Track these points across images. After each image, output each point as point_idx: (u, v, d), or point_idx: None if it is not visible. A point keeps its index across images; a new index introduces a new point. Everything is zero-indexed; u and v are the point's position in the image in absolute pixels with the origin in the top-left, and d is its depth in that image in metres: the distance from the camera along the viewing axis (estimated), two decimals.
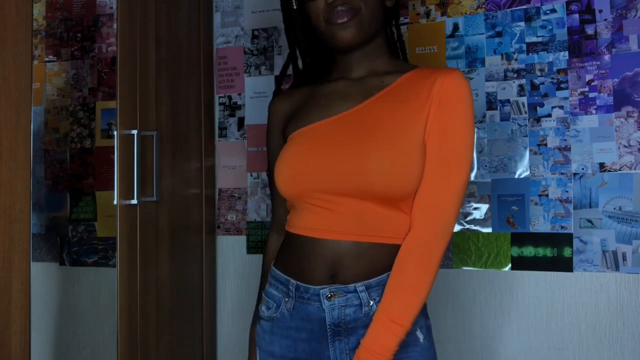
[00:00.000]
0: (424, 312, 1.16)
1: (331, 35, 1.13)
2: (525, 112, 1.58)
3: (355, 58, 1.19)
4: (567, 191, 1.53)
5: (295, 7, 1.22)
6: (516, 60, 1.59)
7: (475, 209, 1.61)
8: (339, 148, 1.10)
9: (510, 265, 1.58)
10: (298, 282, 1.14)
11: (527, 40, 1.58)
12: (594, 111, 1.51)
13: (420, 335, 1.12)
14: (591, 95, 1.51)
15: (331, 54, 1.25)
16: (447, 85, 1.09)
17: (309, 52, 1.27)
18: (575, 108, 1.53)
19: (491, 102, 1.61)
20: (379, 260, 1.10)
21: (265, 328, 1.20)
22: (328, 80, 1.25)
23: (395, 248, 1.10)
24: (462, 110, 1.09)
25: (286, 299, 1.16)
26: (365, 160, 1.07)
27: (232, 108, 1.87)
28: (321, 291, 1.11)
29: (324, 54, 1.28)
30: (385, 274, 1.10)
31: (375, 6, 1.14)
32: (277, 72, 1.83)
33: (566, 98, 1.54)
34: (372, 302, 1.10)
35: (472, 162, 1.06)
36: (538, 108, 1.57)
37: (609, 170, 1.49)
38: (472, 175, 1.62)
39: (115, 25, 1.40)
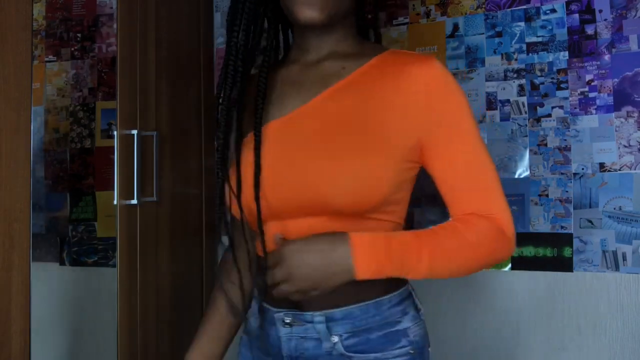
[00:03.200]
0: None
1: (291, 8, 0.92)
2: (525, 112, 1.58)
3: (316, 36, 0.98)
4: (567, 191, 1.53)
5: None
6: (516, 60, 1.59)
7: None
8: (286, 160, 0.90)
9: (510, 265, 1.58)
10: (262, 302, 0.97)
11: (527, 40, 1.58)
12: (594, 111, 1.51)
13: None
14: (591, 95, 1.51)
15: (289, 26, 1.05)
16: (431, 80, 0.91)
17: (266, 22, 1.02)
18: (575, 108, 1.53)
19: (491, 102, 1.61)
20: (345, 287, 0.87)
21: (244, 341, 1.05)
22: (282, 65, 1.03)
23: None
24: (457, 102, 0.94)
25: (257, 316, 0.99)
26: (317, 171, 0.87)
27: None
28: (276, 315, 0.93)
29: (282, 24, 1.06)
30: (355, 305, 0.91)
31: None
32: None
33: (566, 98, 1.54)
34: (335, 339, 0.91)
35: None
36: (538, 108, 1.57)
37: (609, 170, 1.49)
38: None
39: (115, 25, 1.40)
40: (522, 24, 1.58)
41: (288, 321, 0.93)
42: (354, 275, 0.85)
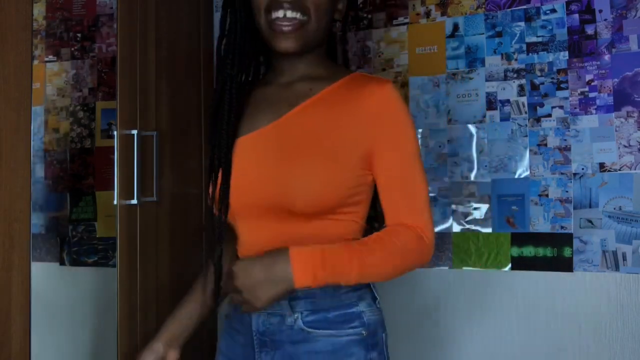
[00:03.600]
0: (367, 343, 1.06)
1: (270, 39, 1.06)
2: (525, 112, 1.58)
3: (290, 62, 1.10)
4: (567, 191, 1.53)
5: None
6: (516, 60, 1.59)
7: (475, 209, 1.61)
8: (259, 166, 1.04)
9: (510, 265, 1.58)
10: None
11: (527, 40, 1.58)
12: (594, 111, 1.51)
13: None
14: (591, 95, 1.51)
15: (268, 51, 1.15)
16: (382, 99, 1.05)
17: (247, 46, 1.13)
18: (575, 108, 1.53)
19: (491, 102, 1.61)
20: None
21: (225, 324, 1.18)
22: (260, 84, 1.16)
23: None
24: (403, 123, 1.06)
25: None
26: (285, 176, 1.01)
27: None
28: None
29: (261, 49, 1.16)
30: (316, 287, 1.03)
31: (324, 15, 1.06)
32: None
33: (566, 98, 1.54)
34: (296, 315, 1.04)
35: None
36: (538, 108, 1.57)
37: (609, 170, 1.49)
38: (472, 175, 1.62)
39: (115, 25, 1.40)
40: (522, 24, 1.58)
41: None
42: (293, 284, 0.99)
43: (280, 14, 1.03)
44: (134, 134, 1.38)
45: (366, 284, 1.09)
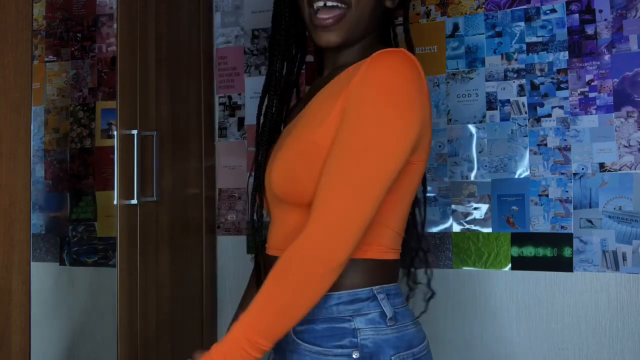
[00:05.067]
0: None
1: (312, 34, 1.04)
2: (525, 112, 1.58)
3: (334, 55, 1.07)
4: (567, 191, 1.53)
5: None
6: (516, 60, 1.59)
7: (475, 209, 1.61)
8: (274, 154, 1.06)
9: (510, 265, 1.58)
10: None
11: (527, 40, 1.58)
12: (594, 111, 1.51)
13: None
14: (591, 95, 1.51)
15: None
16: (360, 75, 0.91)
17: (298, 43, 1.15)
18: (575, 108, 1.53)
19: (491, 102, 1.61)
20: None
21: None
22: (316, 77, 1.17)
23: None
24: (367, 94, 0.89)
25: None
26: (273, 164, 1.01)
27: (232, 108, 1.87)
28: None
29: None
30: None
31: (367, 4, 1.00)
32: None
33: (566, 98, 1.54)
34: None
35: (387, 158, 0.88)
36: (538, 108, 1.57)
37: (609, 170, 1.49)
38: (472, 175, 1.62)
39: (115, 25, 1.40)
40: (522, 24, 1.58)
41: None
42: None
43: (320, 3, 0.99)
44: (134, 134, 1.38)
45: (370, 295, 0.96)
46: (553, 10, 1.56)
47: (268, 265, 0.99)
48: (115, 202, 1.34)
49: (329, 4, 0.98)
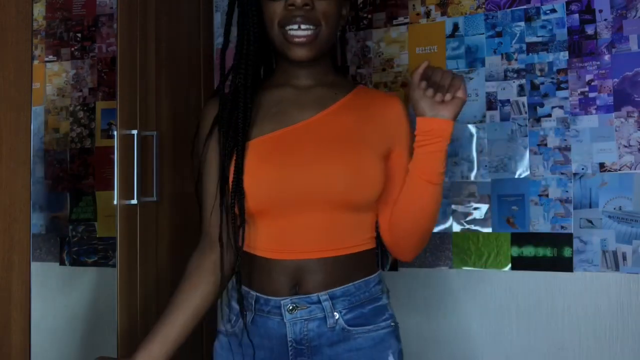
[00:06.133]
0: (397, 334, 1.13)
1: (284, 49, 1.11)
2: (525, 112, 1.58)
3: (305, 68, 1.16)
4: (567, 191, 1.53)
5: None
6: (516, 60, 1.59)
7: (475, 209, 1.61)
8: (302, 158, 1.07)
9: (510, 265, 1.58)
10: (258, 294, 1.08)
11: (527, 40, 1.58)
12: (594, 111, 1.51)
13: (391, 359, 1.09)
14: (591, 95, 1.51)
15: (276, 57, 1.21)
16: (400, 110, 1.18)
17: (256, 52, 1.17)
18: (575, 108, 1.53)
19: (491, 102, 1.61)
20: (342, 270, 1.07)
21: (223, 344, 1.13)
22: (271, 86, 1.19)
23: (359, 255, 1.09)
24: (410, 129, 1.18)
25: (251, 310, 1.09)
26: (332, 170, 1.06)
27: None
28: (282, 302, 1.05)
29: (268, 55, 1.23)
30: (351, 284, 1.08)
31: (334, 23, 1.12)
32: None
33: (566, 98, 1.54)
34: (337, 315, 1.06)
35: None
36: (538, 108, 1.57)
37: (609, 170, 1.49)
38: (472, 175, 1.62)
39: (115, 25, 1.40)
40: (522, 24, 1.58)
41: (292, 307, 1.05)
42: None
43: (294, 26, 1.08)
44: (134, 134, 1.38)
45: (381, 276, 1.16)
46: (553, 10, 1.56)
47: (271, 264, 1.08)
48: (115, 202, 1.34)
49: (303, 27, 1.08)
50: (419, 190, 1.11)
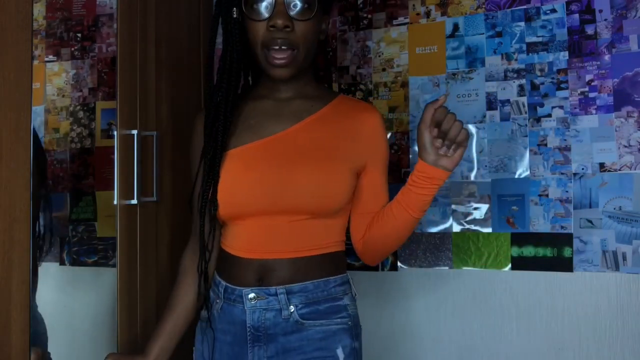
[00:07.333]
0: (352, 333, 1.18)
1: (266, 67, 1.19)
2: (525, 112, 1.58)
3: (285, 82, 1.23)
4: (567, 191, 1.53)
5: (235, 17, 1.20)
6: (516, 60, 1.59)
7: (475, 209, 1.61)
8: (273, 169, 1.16)
9: (510, 265, 1.58)
10: (227, 284, 1.20)
11: (527, 40, 1.58)
12: (594, 111, 1.51)
13: (340, 355, 1.15)
14: (591, 95, 1.51)
15: (259, 71, 1.27)
16: (376, 126, 1.24)
17: (240, 66, 1.24)
18: (575, 108, 1.53)
19: (491, 102, 1.61)
20: (303, 269, 1.17)
21: (201, 328, 1.26)
22: (253, 98, 1.27)
23: (322, 257, 1.18)
24: (387, 144, 1.26)
25: (217, 301, 1.21)
26: (299, 181, 1.14)
27: None
28: (244, 292, 1.16)
29: (251, 69, 1.31)
30: (309, 282, 1.16)
31: (312, 43, 1.19)
32: None
33: (566, 98, 1.54)
34: (292, 308, 1.15)
35: None
36: (538, 108, 1.57)
37: (609, 170, 1.49)
38: (472, 175, 1.62)
39: (115, 25, 1.40)
40: (522, 24, 1.58)
41: (252, 296, 1.16)
42: None
43: (276, 47, 1.16)
44: (134, 134, 1.38)
45: (347, 279, 1.24)
46: (553, 10, 1.56)
47: (244, 260, 1.18)
48: (115, 202, 1.34)
49: (284, 48, 1.16)
50: (401, 218, 1.19)
